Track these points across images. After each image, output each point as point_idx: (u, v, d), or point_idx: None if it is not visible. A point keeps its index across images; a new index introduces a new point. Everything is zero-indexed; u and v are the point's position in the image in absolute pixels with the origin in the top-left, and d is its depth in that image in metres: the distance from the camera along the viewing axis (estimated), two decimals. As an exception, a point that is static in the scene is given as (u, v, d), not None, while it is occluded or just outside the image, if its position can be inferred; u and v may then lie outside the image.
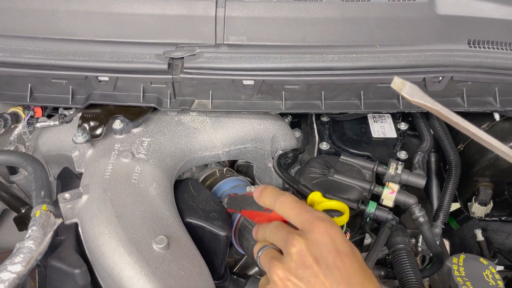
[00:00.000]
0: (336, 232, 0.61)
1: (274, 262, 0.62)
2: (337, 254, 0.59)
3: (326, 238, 0.60)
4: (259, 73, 0.85)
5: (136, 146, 0.88)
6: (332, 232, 0.60)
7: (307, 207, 0.65)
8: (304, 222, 0.62)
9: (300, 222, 0.63)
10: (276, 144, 1.07)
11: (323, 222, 0.61)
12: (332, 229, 0.61)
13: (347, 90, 0.89)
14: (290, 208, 0.65)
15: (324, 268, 0.58)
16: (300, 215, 0.63)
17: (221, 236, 0.84)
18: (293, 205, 0.65)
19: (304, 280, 0.59)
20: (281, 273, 0.60)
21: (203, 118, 1.00)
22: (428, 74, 0.88)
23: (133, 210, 0.77)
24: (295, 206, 0.64)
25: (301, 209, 0.64)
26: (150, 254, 0.72)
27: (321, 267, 0.58)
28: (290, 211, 0.64)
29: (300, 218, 0.63)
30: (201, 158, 1.00)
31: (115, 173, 0.82)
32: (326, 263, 0.58)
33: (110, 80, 0.85)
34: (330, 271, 0.58)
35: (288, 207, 0.65)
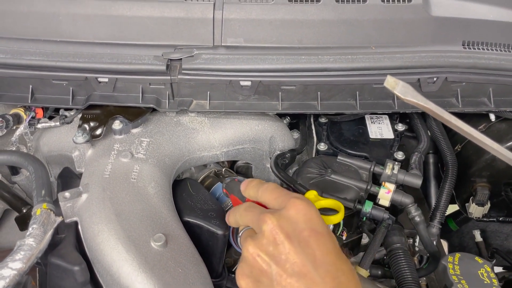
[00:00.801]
0: (312, 211, 0.59)
1: (247, 239, 0.61)
2: (311, 232, 0.57)
3: (301, 216, 0.58)
4: (256, 74, 0.87)
5: (135, 146, 0.90)
6: (307, 211, 0.59)
7: (287, 191, 0.64)
8: (281, 202, 0.61)
9: (277, 203, 0.62)
10: (274, 144, 1.09)
11: (299, 200, 0.60)
12: (308, 208, 0.59)
13: (342, 91, 0.90)
14: (270, 193, 0.64)
15: (296, 245, 0.57)
16: (279, 198, 0.62)
17: (219, 234, 0.85)
18: (274, 191, 0.64)
19: (274, 256, 0.57)
20: (252, 249, 0.59)
21: (202, 118, 1.01)
22: (422, 75, 0.89)
23: (132, 208, 0.78)
24: (275, 191, 0.64)
25: (280, 193, 0.63)
26: (148, 251, 0.74)
27: (293, 244, 0.57)
28: (270, 195, 0.64)
29: (278, 200, 0.62)
30: (200, 158, 1.01)
31: (114, 173, 0.83)
32: (298, 240, 0.57)
33: (110, 81, 0.87)
34: (302, 248, 0.56)
35: (268, 192, 0.65)
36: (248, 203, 0.67)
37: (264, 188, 0.66)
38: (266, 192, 0.66)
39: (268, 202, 0.65)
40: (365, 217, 0.97)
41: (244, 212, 0.66)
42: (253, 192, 0.68)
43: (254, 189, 0.68)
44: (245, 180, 0.72)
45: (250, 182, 0.71)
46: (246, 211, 0.65)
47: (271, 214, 0.59)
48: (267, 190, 0.65)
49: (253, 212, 0.64)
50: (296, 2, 0.91)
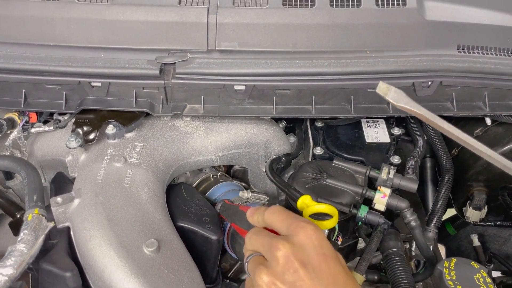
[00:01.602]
0: (320, 236, 0.61)
1: (259, 267, 0.61)
2: (323, 257, 0.59)
3: (312, 241, 0.60)
4: (250, 78, 0.86)
5: (129, 150, 0.89)
6: (316, 236, 0.60)
7: (292, 214, 0.65)
8: (289, 227, 0.62)
9: (285, 228, 0.63)
10: (269, 149, 1.08)
11: (308, 225, 0.61)
12: (317, 233, 0.61)
13: (337, 95, 0.90)
14: (276, 216, 0.65)
15: (311, 271, 0.58)
16: (285, 220, 0.63)
17: (213, 240, 0.85)
18: (279, 213, 0.65)
19: (290, 284, 0.58)
20: (267, 278, 0.59)
21: (197, 123, 1.01)
22: (417, 79, 0.89)
23: (124, 213, 0.78)
24: (281, 213, 0.65)
25: (287, 216, 0.64)
26: (140, 257, 0.73)
27: (307, 270, 0.58)
28: (277, 218, 0.65)
29: (286, 223, 0.63)
30: (194, 163, 1.01)
31: (107, 177, 0.83)
32: (312, 266, 0.58)
33: (103, 86, 0.87)
34: (316, 274, 0.58)
35: (274, 216, 0.65)
36: (256, 229, 0.67)
37: (270, 212, 0.66)
38: (272, 215, 0.66)
39: (275, 224, 0.65)
40: (361, 221, 0.97)
41: (254, 237, 0.65)
42: (259, 218, 0.68)
43: (260, 215, 0.68)
44: (250, 209, 0.71)
45: (256, 209, 0.70)
46: (257, 236, 0.65)
47: (284, 241, 0.60)
48: (273, 213, 0.66)
49: (263, 238, 0.64)
50: (290, 6, 0.91)
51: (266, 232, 0.65)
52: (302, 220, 0.63)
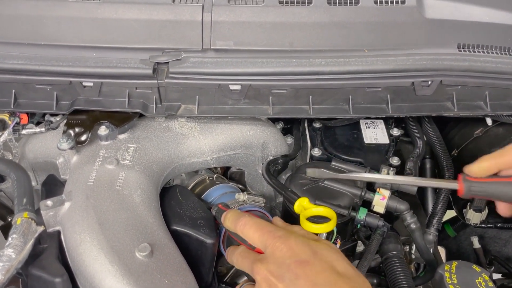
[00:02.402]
0: (293, 242, 0.64)
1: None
2: (296, 264, 0.61)
3: (285, 253, 0.63)
4: (246, 78, 0.84)
5: (122, 152, 0.87)
6: (289, 244, 0.63)
7: (268, 226, 0.68)
8: (266, 244, 0.66)
9: (263, 245, 0.67)
10: (266, 150, 1.06)
11: (281, 239, 0.64)
12: (289, 241, 0.64)
13: (335, 95, 0.88)
14: (253, 232, 0.68)
15: (288, 282, 0.60)
16: (262, 236, 0.67)
17: (208, 243, 0.82)
18: (255, 228, 0.68)
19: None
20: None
21: (192, 124, 0.99)
22: (416, 78, 0.87)
23: (116, 217, 0.76)
24: (257, 228, 0.68)
25: (262, 230, 0.67)
26: (132, 262, 0.71)
27: (285, 283, 0.61)
28: (254, 234, 0.68)
29: (262, 240, 0.67)
30: (189, 165, 0.99)
31: (98, 180, 0.81)
32: (289, 277, 0.61)
33: (95, 86, 0.84)
34: (293, 282, 0.60)
35: (250, 230, 0.69)
36: (241, 250, 0.71)
37: (242, 224, 0.71)
38: (247, 230, 0.70)
39: (253, 242, 0.69)
40: (360, 224, 0.95)
41: (240, 260, 0.70)
42: (231, 225, 0.73)
43: (231, 224, 0.74)
44: (224, 213, 0.76)
45: (226, 215, 0.76)
46: (242, 258, 0.70)
47: (260, 264, 0.64)
48: (246, 227, 0.70)
49: (246, 262, 0.68)
50: (287, 4, 0.89)
51: (249, 253, 0.69)
52: (276, 235, 0.65)
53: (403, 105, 0.89)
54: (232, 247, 0.77)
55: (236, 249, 0.74)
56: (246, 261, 0.69)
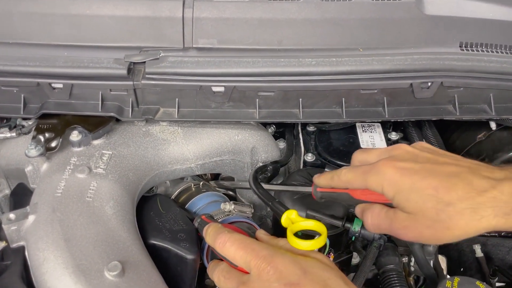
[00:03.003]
0: (279, 262, 0.59)
1: None
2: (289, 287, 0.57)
3: (271, 275, 0.58)
4: (230, 79, 0.77)
5: (95, 159, 0.80)
6: (275, 264, 0.58)
7: (251, 244, 0.63)
8: (249, 265, 0.60)
9: (246, 266, 0.61)
10: (256, 156, 1.00)
11: (265, 259, 0.59)
12: (275, 261, 0.59)
13: (327, 97, 0.81)
14: (234, 251, 0.63)
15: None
16: (245, 256, 0.61)
17: (188, 259, 0.76)
18: (236, 246, 0.63)
19: None
20: None
21: (174, 128, 0.92)
22: (415, 80, 0.80)
23: (85, 232, 0.69)
24: (238, 246, 0.63)
25: (245, 249, 0.62)
26: (100, 283, 0.64)
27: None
28: (235, 253, 0.63)
29: (246, 261, 0.61)
30: (171, 172, 0.92)
31: (67, 190, 0.74)
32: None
33: (65, 87, 0.77)
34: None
35: (231, 249, 0.63)
36: (224, 268, 0.66)
37: (221, 243, 0.66)
38: (229, 251, 0.64)
39: (236, 262, 0.64)
40: (354, 236, 0.88)
41: (222, 280, 0.65)
42: (211, 243, 0.69)
43: (210, 240, 0.69)
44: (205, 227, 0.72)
45: (206, 230, 0.71)
46: (225, 279, 0.65)
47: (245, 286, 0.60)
48: (230, 247, 0.64)
49: (229, 284, 0.64)
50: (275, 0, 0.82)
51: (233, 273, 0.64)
52: (260, 254, 0.60)
53: (401, 108, 0.83)
54: (214, 262, 0.71)
55: (218, 265, 0.68)
56: (229, 283, 0.63)
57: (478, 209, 0.55)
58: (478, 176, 0.57)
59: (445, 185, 0.57)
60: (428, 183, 0.57)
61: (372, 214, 0.66)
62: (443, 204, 0.56)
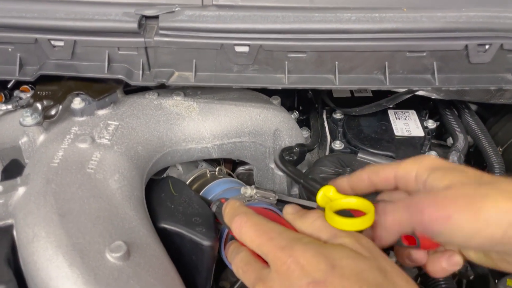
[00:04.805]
0: (300, 254, 0.49)
1: None
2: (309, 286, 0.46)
3: (292, 271, 0.48)
4: (255, 36, 0.66)
5: (99, 129, 0.69)
6: (296, 257, 0.48)
7: (269, 232, 0.53)
8: (267, 257, 0.51)
9: (264, 255, 0.52)
10: (279, 140, 0.89)
11: (284, 251, 0.49)
12: (295, 254, 0.49)
13: (367, 61, 0.69)
14: (250, 238, 0.54)
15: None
16: (262, 246, 0.52)
17: (204, 246, 0.64)
18: (253, 232, 0.54)
19: None
20: None
21: (189, 103, 0.81)
22: (471, 40, 0.68)
23: (84, 207, 0.57)
24: (255, 233, 0.53)
25: (261, 238, 0.53)
26: (100, 265, 0.53)
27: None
28: (252, 241, 0.54)
29: (262, 251, 0.52)
30: (186, 152, 0.81)
31: (65, 161, 0.63)
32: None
33: (67, 45, 0.67)
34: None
35: (248, 235, 0.54)
36: (244, 256, 0.56)
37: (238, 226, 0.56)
38: (246, 237, 0.55)
39: (252, 248, 0.55)
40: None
41: (241, 268, 0.55)
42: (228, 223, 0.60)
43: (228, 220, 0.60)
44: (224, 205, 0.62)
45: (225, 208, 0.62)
46: (243, 273, 0.55)
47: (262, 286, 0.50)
48: (246, 232, 0.55)
49: (248, 275, 0.54)
50: (307, -48, 0.72)
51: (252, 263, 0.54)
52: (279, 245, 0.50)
53: (453, 76, 0.71)
54: (234, 245, 0.60)
55: (238, 252, 0.57)
56: (246, 276, 0.54)
57: None
58: None
59: None
60: None
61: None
62: None
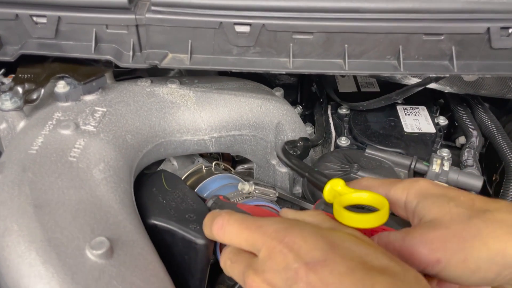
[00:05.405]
0: (297, 237, 0.43)
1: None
2: (308, 268, 0.41)
3: (287, 257, 0.42)
4: (258, 14, 0.60)
5: (85, 116, 0.63)
6: (291, 241, 0.43)
7: (256, 221, 0.48)
8: (258, 246, 0.46)
9: (254, 248, 0.47)
10: (281, 134, 0.83)
11: (276, 237, 0.44)
12: (290, 237, 0.43)
13: (380, 44, 0.63)
14: (236, 233, 0.48)
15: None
16: (251, 237, 0.47)
17: (198, 245, 0.58)
18: (237, 227, 0.48)
19: None
20: None
21: (185, 91, 0.75)
22: (494, 23, 0.62)
23: (63, 198, 0.51)
24: (240, 226, 0.48)
25: (249, 229, 0.47)
26: (79, 264, 0.46)
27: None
28: (239, 236, 0.48)
29: (252, 242, 0.47)
30: (181, 144, 0.75)
31: (45, 148, 0.57)
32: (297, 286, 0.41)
33: (50, 22, 0.61)
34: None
35: (233, 232, 0.49)
36: (232, 251, 0.50)
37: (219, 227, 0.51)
38: (231, 234, 0.50)
39: (240, 245, 0.49)
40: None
41: (228, 264, 0.50)
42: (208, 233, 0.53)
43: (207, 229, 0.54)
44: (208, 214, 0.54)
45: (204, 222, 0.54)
46: (232, 262, 0.49)
47: (253, 273, 0.44)
48: (231, 230, 0.50)
49: (236, 268, 0.49)
50: None
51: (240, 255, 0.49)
52: (268, 233, 0.45)
53: (473, 62, 0.65)
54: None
55: (225, 248, 0.52)
56: (236, 267, 0.48)
57: None
58: None
59: None
60: None
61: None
62: None
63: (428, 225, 0.46)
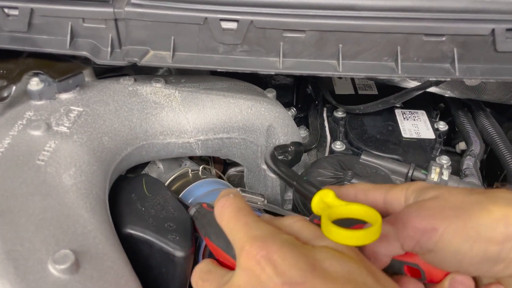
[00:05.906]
0: (276, 252, 0.39)
1: None
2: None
3: (264, 269, 0.39)
4: (246, 10, 0.56)
5: (58, 115, 0.59)
6: (270, 253, 0.39)
7: (247, 217, 0.45)
8: (237, 245, 0.43)
9: (234, 243, 0.44)
10: (273, 138, 0.79)
11: (256, 243, 0.41)
12: (270, 248, 0.40)
13: (377, 45, 0.59)
14: (227, 220, 0.46)
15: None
16: (235, 229, 0.44)
17: (176, 257, 0.54)
18: (230, 214, 0.46)
19: None
20: None
21: (170, 91, 0.71)
22: (499, 24, 0.58)
23: (27, 205, 0.47)
24: (232, 214, 0.46)
25: (237, 220, 0.45)
26: (40, 279, 0.42)
27: None
28: (227, 224, 0.46)
29: (234, 237, 0.44)
30: (164, 146, 0.70)
31: (12, 150, 0.52)
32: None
33: (22, 14, 0.57)
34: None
35: (225, 216, 0.46)
36: (204, 268, 0.47)
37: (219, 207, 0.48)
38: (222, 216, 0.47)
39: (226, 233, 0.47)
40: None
41: (201, 284, 0.47)
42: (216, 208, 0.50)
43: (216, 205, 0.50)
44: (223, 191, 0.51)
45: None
46: (203, 283, 0.46)
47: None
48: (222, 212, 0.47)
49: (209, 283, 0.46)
50: None
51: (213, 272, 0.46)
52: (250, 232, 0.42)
53: (476, 66, 0.61)
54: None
55: (198, 265, 0.49)
56: (209, 283, 0.45)
57: None
58: None
59: None
60: None
61: None
62: None
63: (427, 199, 0.45)
